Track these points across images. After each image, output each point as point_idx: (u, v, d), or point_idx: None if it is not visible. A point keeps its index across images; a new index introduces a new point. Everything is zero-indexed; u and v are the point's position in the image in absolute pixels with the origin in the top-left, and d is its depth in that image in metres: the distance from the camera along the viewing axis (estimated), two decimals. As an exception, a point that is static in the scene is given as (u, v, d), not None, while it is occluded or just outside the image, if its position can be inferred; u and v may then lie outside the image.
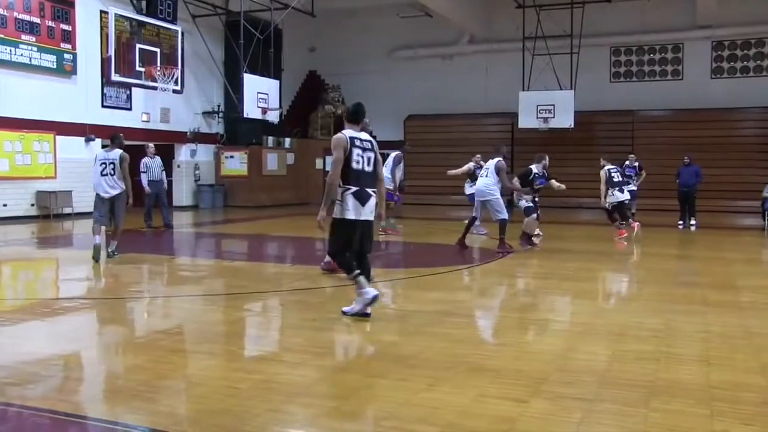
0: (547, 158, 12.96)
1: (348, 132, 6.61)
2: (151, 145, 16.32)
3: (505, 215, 11.63)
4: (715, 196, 21.63)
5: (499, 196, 11.64)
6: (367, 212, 6.60)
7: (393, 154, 15.09)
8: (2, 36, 17.36)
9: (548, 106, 23.84)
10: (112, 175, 10.64)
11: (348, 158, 6.48)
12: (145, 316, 7.53)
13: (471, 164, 16.66)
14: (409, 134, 27.90)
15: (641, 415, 4.13)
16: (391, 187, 14.32)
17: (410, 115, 28.18)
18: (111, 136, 11.31)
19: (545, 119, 23.90)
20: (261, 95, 21.26)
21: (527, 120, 24.07)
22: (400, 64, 28.43)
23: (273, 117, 22.11)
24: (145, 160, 15.65)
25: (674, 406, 4.28)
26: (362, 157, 6.54)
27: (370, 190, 6.62)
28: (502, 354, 5.56)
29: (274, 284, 9.22)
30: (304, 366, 5.12)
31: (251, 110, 20.82)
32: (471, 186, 15.47)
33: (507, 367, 5.12)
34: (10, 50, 17.57)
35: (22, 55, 17.84)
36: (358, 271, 6.52)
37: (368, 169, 6.60)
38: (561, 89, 23.82)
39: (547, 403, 4.33)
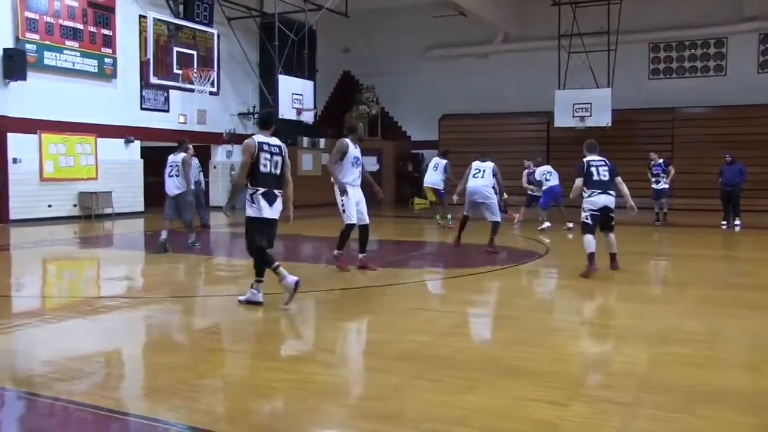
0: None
1: (258, 137, 7.25)
2: (190, 146, 16.48)
3: (498, 217, 12.20)
4: (761, 195, 21.15)
5: (495, 198, 12.27)
6: (274, 212, 7.19)
7: (442, 161, 16.62)
8: (48, 42, 17.78)
9: (585, 105, 23.60)
10: (177, 176, 11.65)
11: (256, 162, 7.10)
12: (183, 315, 7.62)
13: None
14: (443, 134, 27.84)
15: (684, 421, 4.05)
16: (441, 187, 16.32)
17: (444, 115, 28.11)
18: (177, 140, 12.73)
19: (582, 118, 23.65)
20: (296, 96, 21.38)
21: (563, 119, 23.85)
22: (435, 64, 28.36)
23: (308, 117, 22.21)
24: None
25: (719, 414, 4.18)
26: (270, 161, 7.14)
27: (276, 192, 7.21)
28: (540, 356, 5.51)
29: (309, 284, 9.25)
30: (340, 366, 5.15)
31: (286, 111, 20.94)
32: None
33: (544, 369, 5.08)
34: (56, 56, 17.97)
35: (66, 60, 18.23)
36: (277, 263, 7.12)
37: (275, 171, 7.21)
38: (598, 87, 23.57)
39: (586, 406, 4.29)
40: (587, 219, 9.27)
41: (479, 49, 27.89)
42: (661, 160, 17.69)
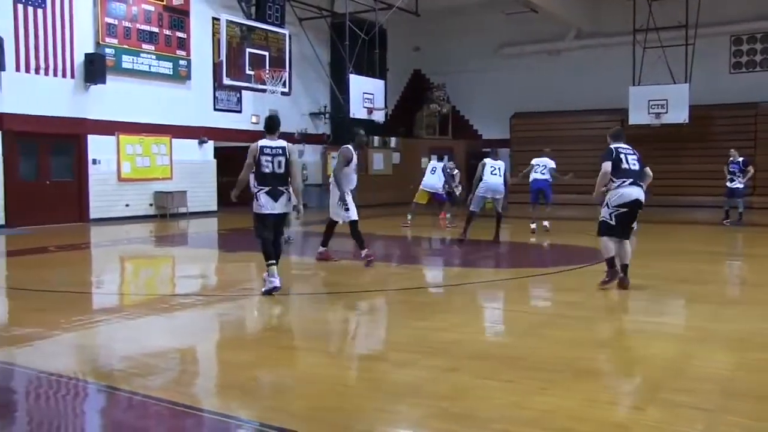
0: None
1: (261, 141, 7.92)
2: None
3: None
4: None
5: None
6: (280, 206, 7.92)
7: (439, 164, 17.03)
8: (126, 46, 18.33)
9: (660, 101, 22.98)
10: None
11: (258, 164, 7.80)
12: (256, 313, 7.72)
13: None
14: (514, 132, 27.58)
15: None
16: (440, 190, 16.69)
17: (516, 113, 27.82)
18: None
19: (657, 114, 23.05)
20: (367, 95, 21.46)
21: (638, 116, 23.28)
22: (506, 62, 28.08)
23: (379, 117, 22.27)
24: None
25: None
26: (271, 162, 7.81)
27: (281, 188, 7.91)
28: (615, 358, 5.39)
29: (380, 284, 9.27)
30: (412, 365, 5.12)
31: (357, 110, 21.03)
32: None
33: (620, 371, 4.97)
34: (133, 59, 18.52)
35: (142, 63, 18.76)
36: (273, 261, 7.83)
37: (279, 171, 7.87)
38: (674, 83, 22.92)
39: (664, 411, 4.15)
40: (610, 218, 8.09)
41: (551, 46, 27.49)
42: (740, 159, 17.03)
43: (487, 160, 13.19)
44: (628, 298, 8.11)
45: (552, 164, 15.31)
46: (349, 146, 10.20)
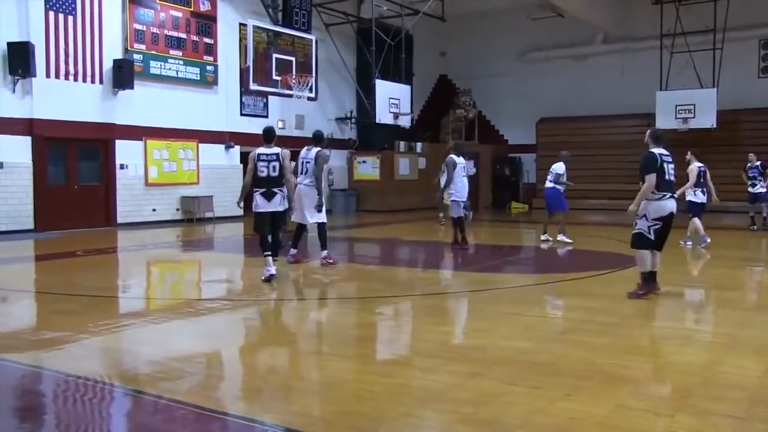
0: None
1: (258, 149, 9.10)
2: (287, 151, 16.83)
3: None
4: None
5: None
6: (274, 205, 9.07)
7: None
8: (154, 52, 18.50)
9: (688, 106, 22.77)
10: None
11: (255, 169, 9.00)
12: (281, 318, 7.74)
13: None
14: (541, 137, 27.43)
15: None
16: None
17: (543, 118, 27.69)
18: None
19: (685, 119, 22.84)
20: (393, 100, 21.49)
21: (666, 121, 23.03)
22: (532, 67, 27.96)
23: (405, 122, 22.29)
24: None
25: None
26: (267, 167, 8.98)
27: (275, 190, 9.05)
28: (643, 364, 5.32)
29: (406, 288, 9.26)
30: (437, 371, 5.10)
31: (383, 115, 21.07)
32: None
33: (648, 378, 4.90)
34: (161, 65, 18.68)
35: (170, 69, 18.91)
36: (268, 253, 9.04)
37: (274, 174, 9.00)
38: (702, 87, 22.69)
39: (694, 418, 4.09)
40: (648, 232, 7.72)
41: (578, 51, 27.33)
42: (758, 163, 16.82)
43: (459, 159, 12.38)
44: (656, 304, 8.01)
45: (557, 169, 13.95)
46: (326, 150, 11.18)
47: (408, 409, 4.32)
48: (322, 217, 10.63)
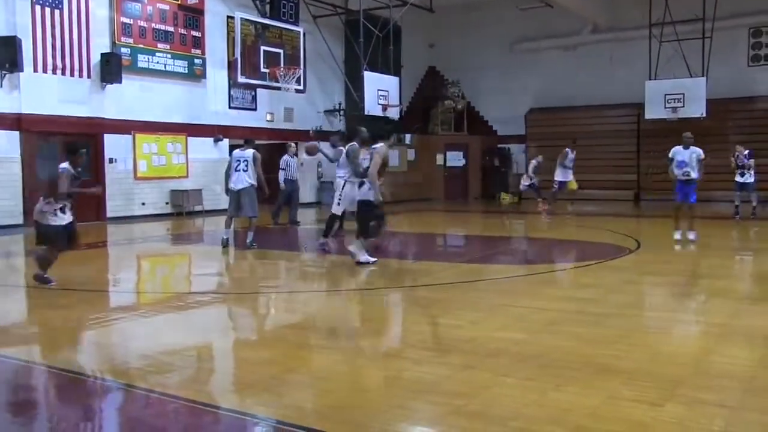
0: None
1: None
2: (293, 144, 16.93)
3: None
4: None
5: None
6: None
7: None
8: (142, 46, 18.38)
9: (677, 95, 22.77)
10: (245, 171, 11.79)
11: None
12: (273, 310, 7.73)
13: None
14: (530, 128, 27.41)
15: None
16: None
17: (532, 109, 27.68)
18: (245, 138, 13.75)
19: (674, 109, 22.85)
20: (381, 92, 21.42)
21: (655, 110, 23.08)
22: (521, 57, 27.92)
23: (393, 113, 22.23)
24: (286, 157, 16.17)
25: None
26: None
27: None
28: (634, 355, 5.33)
29: (396, 280, 9.26)
30: (430, 363, 5.10)
31: (372, 107, 21.01)
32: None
33: (639, 368, 4.91)
34: (148, 58, 18.56)
35: (157, 62, 18.80)
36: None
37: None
38: (691, 77, 22.71)
39: (684, 408, 4.11)
40: None
41: (566, 41, 27.29)
42: (746, 151, 16.90)
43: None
44: (647, 294, 8.05)
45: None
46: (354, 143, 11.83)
47: (400, 401, 4.32)
48: (337, 209, 11.86)
